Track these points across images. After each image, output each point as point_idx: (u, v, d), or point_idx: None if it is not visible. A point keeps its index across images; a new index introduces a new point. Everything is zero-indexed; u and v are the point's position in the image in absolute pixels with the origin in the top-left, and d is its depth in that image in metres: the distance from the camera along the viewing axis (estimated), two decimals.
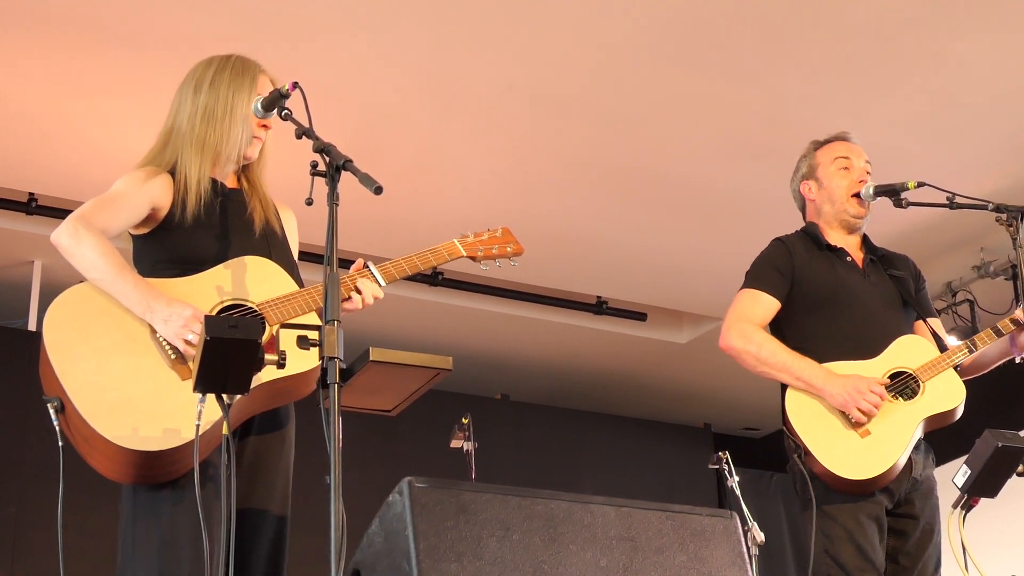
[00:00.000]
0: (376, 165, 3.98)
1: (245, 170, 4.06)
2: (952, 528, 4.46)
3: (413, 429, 8.78)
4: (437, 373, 6.13)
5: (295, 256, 4.18)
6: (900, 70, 6.69)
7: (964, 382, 4.82)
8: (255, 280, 3.84)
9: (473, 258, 4.29)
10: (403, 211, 7.75)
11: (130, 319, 3.66)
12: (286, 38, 6.29)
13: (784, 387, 4.75)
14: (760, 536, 5.77)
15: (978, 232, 8.05)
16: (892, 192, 4.83)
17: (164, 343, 3.65)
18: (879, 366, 4.72)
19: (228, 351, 3.40)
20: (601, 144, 7.28)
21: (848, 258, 4.95)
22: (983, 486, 4.47)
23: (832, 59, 6.59)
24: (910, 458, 4.69)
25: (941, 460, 8.68)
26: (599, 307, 9.15)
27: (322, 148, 3.54)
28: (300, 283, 3.96)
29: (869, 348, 4.75)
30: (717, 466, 6.38)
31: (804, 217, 5.14)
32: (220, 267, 3.83)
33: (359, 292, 3.96)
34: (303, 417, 4.01)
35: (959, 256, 8.55)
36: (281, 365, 3.44)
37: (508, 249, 4.37)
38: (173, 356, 3.65)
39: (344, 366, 3.34)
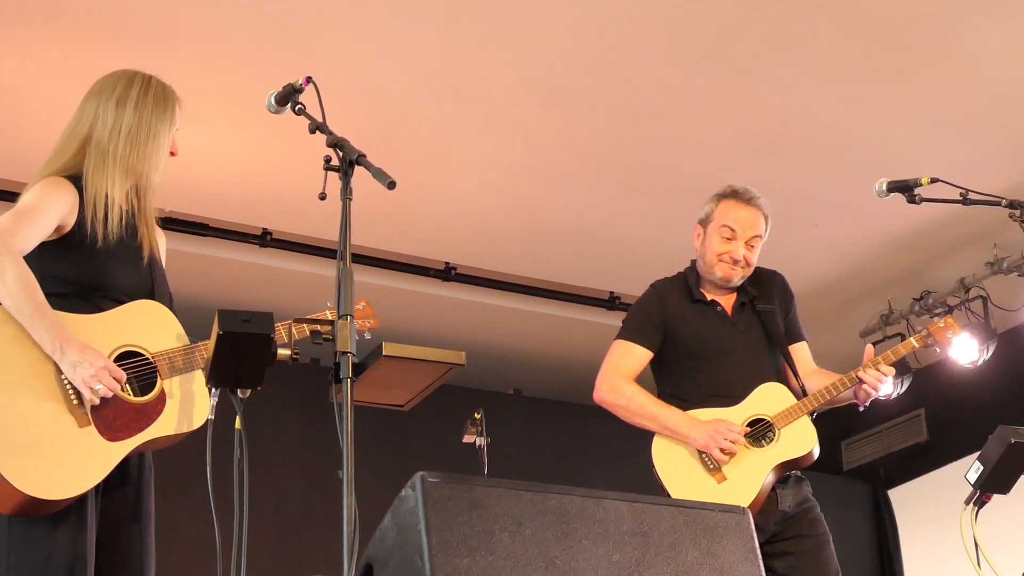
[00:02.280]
0: (389, 160, 3.97)
1: (137, 190, 4.07)
2: (965, 524, 4.47)
3: (426, 424, 8.79)
4: (450, 368, 6.13)
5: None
6: (913, 65, 6.68)
7: (852, 406, 5.14)
8: (150, 328, 3.90)
9: None
10: (416, 206, 7.75)
11: (36, 353, 3.69)
12: (299, 34, 6.29)
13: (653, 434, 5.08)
14: None
15: (992, 228, 8.04)
16: (905, 188, 4.85)
17: (68, 385, 3.69)
18: (739, 413, 5.00)
19: (241, 345, 3.41)
20: (614, 139, 7.28)
21: (719, 308, 5.18)
22: (996, 482, 4.49)
23: (845, 54, 6.58)
24: (776, 494, 4.94)
25: (955, 457, 8.70)
26: (612, 302, 9.14)
27: (336, 143, 3.56)
28: (175, 314, 4.03)
29: (736, 396, 5.04)
30: None
31: None
32: (120, 309, 3.87)
33: None
34: (316, 413, 4.02)
35: (972, 253, 8.53)
36: (295, 359, 3.46)
37: (367, 324, 4.49)
38: (75, 400, 3.70)
39: (357, 361, 3.35)
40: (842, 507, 10.02)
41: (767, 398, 5.03)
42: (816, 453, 4.98)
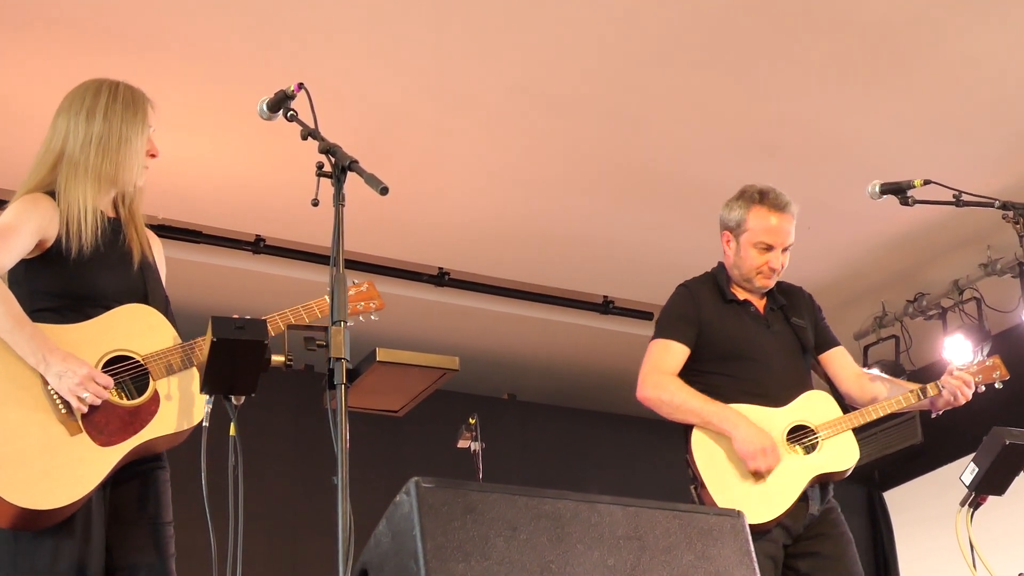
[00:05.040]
0: (382, 166, 3.98)
1: (123, 197, 4.10)
2: (960, 526, 4.47)
3: (420, 429, 8.78)
4: (444, 373, 6.13)
5: (163, 283, 4.20)
6: (905, 68, 6.68)
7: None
8: (139, 331, 3.91)
9: None
10: (409, 212, 7.75)
11: (21, 366, 3.71)
12: (291, 39, 6.29)
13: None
14: None
15: (985, 230, 8.04)
16: (898, 190, 4.85)
17: (55, 396, 3.71)
18: (783, 416, 4.93)
19: (234, 352, 3.41)
20: (606, 143, 7.28)
21: (752, 308, 5.15)
22: (991, 483, 4.50)
23: (837, 56, 6.58)
24: (807, 501, 4.88)
25: (950, 459, 8.69)
26: (605, 307, 9.14)
27: (328, 149, 3.56)
28: (172, 318, 4.02)
29: (771, 397, 4.96)
30: None
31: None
32: (107, 315, 3.89)
33: None
34: (310, 419, 4.03)
35: (966, 254, 8.54)
36: (289, 365, 3.46)
37: (372, 304, 4.49)
38: (64, 410, 3.71)
39: (351, 367, 3.36)
40: None
41: (813, 406, 4.98)
42: (851, 470, 4.95)
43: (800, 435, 4.92)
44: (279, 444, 8.56)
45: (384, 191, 3.43)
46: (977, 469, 4.50)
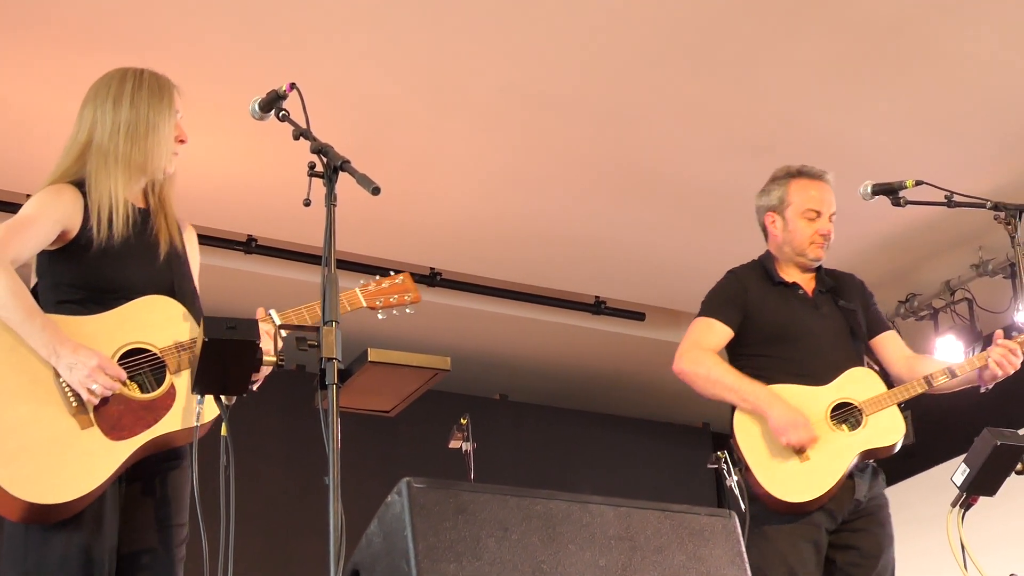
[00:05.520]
0: (374, 166, 3.97)
1: (154, 186, 4.05)
2: (951, 527, 4.47)
3: (411, 430, 8.78)
4: (435, 373, 6.13)
5: (196, 274, 4.17)
6: (897, 68, 6.69)
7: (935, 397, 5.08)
8: (159, 323, 3.85)
9: (372, 308, 4.30)
10: (401, 211, 7.74)
11: (34, 359, 3.66)
12: (284, 38, 6.28)
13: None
14: None
15: (976, 230, 8.05)
16: (890, 191, 4.87)
17: (67, 389, 3.66)
18: (826, 394, 4.93)
19: (226, 352, 3.40)
20: (599, 143, 7.28)
21: (800, 291, 5.14)
22: (982, 484, 4.49)
23: (830, 55, 6.58)
24: (853, 481, 4.88)
25: (941, 459, 8.69)
26: (597, 307, 9.14)
27: (320, 149, 3.55)
28: (200, 311, 3.98)
29: (817, 377, 4.95)
30: (716, 465, 6.37)
31: (765, 237, 5.26)
32: (126, 307, 3.83)
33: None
34: (302, 419, 4.01)
35: (957, 255, 8.54)
36: (280, 365, 3.45)
37: (407, 297, 4.42)
38: (75, 404, 3.66)
39: (342, 367, 3.35)
40: None
41: (856, 383, 4.96)
42: (899, 445, 4.94)
43: (844, 412, 4.91)
44: (271, 444, 8.55)
45: (376, 191, 3.43)
46: (968, 470, 4.50)
